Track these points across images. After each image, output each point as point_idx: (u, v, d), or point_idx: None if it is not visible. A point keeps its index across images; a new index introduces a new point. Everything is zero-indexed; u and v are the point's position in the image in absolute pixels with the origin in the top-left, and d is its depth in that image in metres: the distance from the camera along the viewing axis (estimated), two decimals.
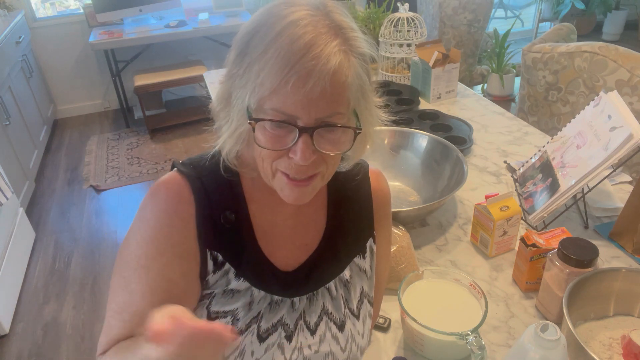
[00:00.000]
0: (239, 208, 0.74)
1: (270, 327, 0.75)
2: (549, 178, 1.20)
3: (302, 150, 0.61)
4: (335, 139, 0.63)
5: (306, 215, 0.79)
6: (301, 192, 0.67)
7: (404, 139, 1.43)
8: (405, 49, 2.01)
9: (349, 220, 0.81)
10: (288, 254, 0.77)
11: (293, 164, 0.63)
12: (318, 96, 0.59)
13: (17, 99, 3.21)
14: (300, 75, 0.57)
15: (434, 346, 0.88)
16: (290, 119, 0.60)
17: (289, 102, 0.59)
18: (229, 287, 0.74)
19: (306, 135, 0.61)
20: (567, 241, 0.92)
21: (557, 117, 1.99)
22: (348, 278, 0.81)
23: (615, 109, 1.11)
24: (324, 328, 0.78)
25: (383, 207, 0.85)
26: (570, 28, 2.25)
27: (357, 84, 0.62)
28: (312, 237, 0.79)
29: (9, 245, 2.36)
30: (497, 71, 3.84)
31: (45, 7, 4.15)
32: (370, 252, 0.84)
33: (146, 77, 3.69)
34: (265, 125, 0.61)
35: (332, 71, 0.58)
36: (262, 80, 0.59)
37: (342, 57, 0.60)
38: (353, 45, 0.62)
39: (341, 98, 0.61)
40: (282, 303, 0.76)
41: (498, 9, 5.29)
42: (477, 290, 0.91)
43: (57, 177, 3.43)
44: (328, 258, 0.79)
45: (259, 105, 0.61)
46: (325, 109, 0.60)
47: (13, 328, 2.23)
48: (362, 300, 0.82)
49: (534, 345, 0.70)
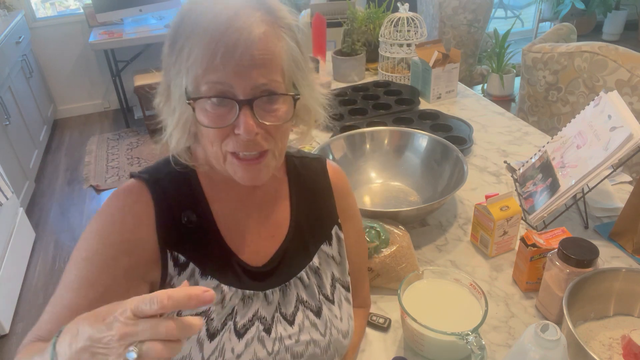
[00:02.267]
0: (200, 207, 0.75)
1: (247, 322, 0.75)
2: (549, 178, 1.20)
3: (245, 123, 0.62)
4: (275, 109, 0.65)
5: (269, 208, 0.81)
6: (255, 171, 0.68)
7: (404, 139, 1.43)
8: (405, 49, 2.01)
9: (312, 209, 0.83)
10: (256, 248, 0.78)
11: (240, 141, 0.64)
12: (249, 64, 0.61)
13: (17, 99, 3.21)
14: (228, 47, 0.60)
15: (434, 346, 0.88)
16: (228, 92, 0.62)
17: (222, 75, 0.61)
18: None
19: (246, 107, 0.62)
20: (567, 241, 0.92)
21: (557, 117, 1.99)
22: (318, 265, 0.82)
23: (615, 109, 1.11)
24: (302, 317, 0.79)
25: (344, 198, 0.88)
26: (570, 28, 2.25)
27: (289, 54, 0.65)
28: (277, 229, 0.80)
29: (9, 245, 2.36)
30: (497, 71, 3.84)
31: (45, 7, 4.15)
32: (337, 239, 0.86)
33: (146, 77, 3.69)
34: (207, 107, 0.63)
35: (257, 39, 0.61)
36: (193, 59, 0.61)
37: (267, 27, 0.62)
38: (278, 17, 0.65)
39: (273, 66, 0.63)
40: (254, 297, 0.76)
41: (498, 9, 5.29)
42: (477, 290, 0.91)
43: (57, 177, 3.43)
44: (296, 248, 0.81)
45: (195, 86, 0.63)
46: (259, 77, 0.62)
47: (13, 328, 2.23)
48: (334, 285, 0.84)
49: (534, 345, 0.70)
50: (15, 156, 2.92)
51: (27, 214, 2.74)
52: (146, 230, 0.71)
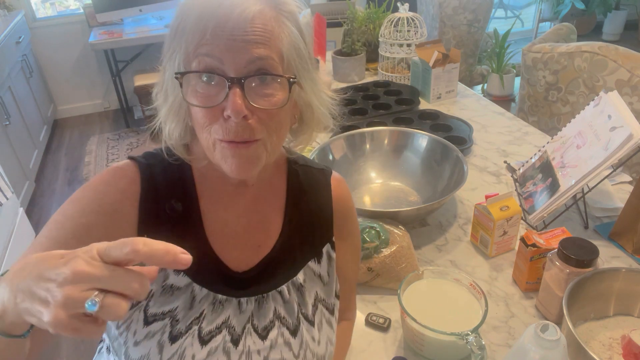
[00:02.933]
0: (188, 200, 0.72)
1: (213, 329, 0.71)
2: (549, 178, 1.20)
3: (233, 102, 0.58)
4: (269, 93, 0.61)
5: (261, 214, 0.76)
6: (243, 158, 0.63)
7: (404, 139, 1.43)
8: (405, 49, 2.01)
9: (306, 223, 0.79)
10: (240, 254, 0.74)
11: (229, 125, 0.60)
12: (241, 40, 0.58)
13: (17, 99, 3.21)
14: (219, 21, 0.58)
15: (434, 346, 0.88)
16: (217, 68, 0.59)
17: (213, 47, 0.58)
18: (167, 283, 0.69)
19: (236, 86, 0.59)
20: (567, 241, 0.92)
21: (557, 117, 1.99)
22: (302, 282, 0.77)
23: (615, 109, 1.11)
24: (276, 333, 0.74)
25: (344, 214, 0.83)
26: (570, 28, 2.25)
27: (290, 39, 0.62)
28: (266, 239, 0.76)
29: (9, 246, 2.36)
30: (497, 71, 3.84)
31: (45, 7, 4.15)
32: (328, 258, 0.81)
33: (146, 77, 3.69)
34: (197, 87, 0.61)
35: (252, 15, 0.58)
36: (185, 38, 0.60)
37: (265, 7, 0.60)
38: (280, 2, 0.63)
39: (270, 45, 0.60)
40: (227, 303, 0.72)
41: (498, 9, 5.29)
42: (477, 290, 0.91)
43: (57, 177, 3.44)
44: (282, 260, 0.76)
45: (186, 63, 0.61)
46: (252, 51, 0.59)
47: None
48: (316, 306, 0.79)
49: (534, 345, 0.70)
50: (15, 156, 2.92)
51: (27, 214, 2.74)
52: (128, 207, 0.68)
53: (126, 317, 0.68)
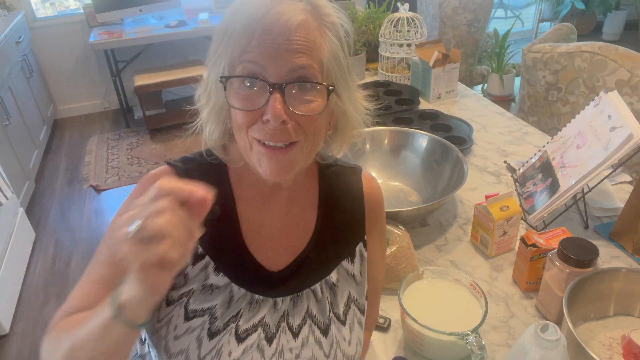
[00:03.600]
0: (226, 203, 0.74)
1: (250, 328, 0.73)
2: (549, 178, 1.20)
3: (273, 107, 0.61)
4: (308, 99, 0.64)
5: (295, 216, 0.78)
6: (279, 163, 0.65)
7: (404, 139, 1.43)
8: (405, 49, 2.01)
9: (339, 222, 0.80)
10: (274, 255, 0.76)
11: (268, 128, 0.63)
12: (285, 48, 0.60)
13: (17, 99, 3.21)
14: (265, 27, 0.60)
15: (434, 346, 0.88)
16: (260, 74, 0.62)
17: (257, 53, 0.61)
18: (207, 282, 0.73)
19: (277, 92, 0.61)
20: (567, 241, 0.92)
21: (557, 117, 1.99)
22: (335, 281, 0.79)
23: (615, 109, 1.11)
24: (307, 331, 0.76)
25: (375, 211, 0.84)
26: (570, 28, 2.25)
27: (331, 49, 0.64)
28: (300, 239, 0.78)
29: (9, 245, 2.36)
30: (497, 71, 3.84)
31: (45, 7, 4.15)
32: (360, 257, 0.82)
33: (146, 77, 3.69)
34: (239, 90, 0.63)
35: (297, 24, 0.61)
36: (231, 43, 0.62)
37: (309, 17, 0.62)
38: (323, 13, 0.65)
39: (312, 54, 0.62)
40: (263, 303, 0.75)
41: (498, 9, 5.29)
42: (477, 290, 0.91)
43: (57, 177, 3.43)
44: (315, 260, 0.78)
45: (231, 67, 0.63)
46: (294, 60, 0.61)
47: (13, 328, 2.23)
48: (349, 305, 0.80)
49: (534, 345, 0.70)
50: (15, 156, 2.92)
51: (27, 214, 2.74)
52: None
53: (168, 312, 0.73)
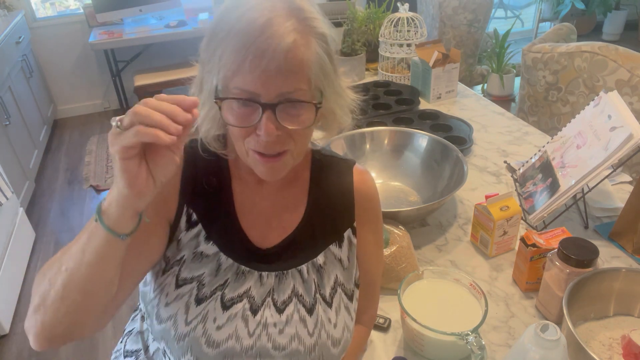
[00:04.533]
0: (222, 179, 0.80)
1: (235, 297, 0.78)
2: (549, 178, 1.20)
3: (266, 126, 0.65)
4: (297, 114, 0.67)
5: (286, 199, 0.83)
6: (273, 169, 0.71)
7: (404, 139, 1.43)
8: (405, 49, 2.01)
9: (328, 207, 0.84)
10: (264, 233, 0.81)
11: (261, 140, 0.67)
12: (275, 73, 0.63)
13: (17, 99, 3.21)
14: (256, 55, 0.62)
15: (434, 346, 0.88)
16: (253, 96, 0.65)
17: (249, 80, 0.63)
18: (197, 250, 0.78)
19: (269, 111, 0.65)
20: (567, 241, 0.92)
21: (557, 117, 1.99)
22: (321, 264, 0.82)
23: (615, 109, 1.11)
24: (293, 309, 0.79)
25: (366, 202, 0.87)
26: (570, 28, 2.25)
27: (317, 62, 0.66)
28: (289, 221, 0.82)
29: (9, 245, 2.36)
30: (497, 71, 3.84)
31: (45, 7, 4.15)
32: (349, 243, 0.85)
33: (146, 77, 3.69)
34: (233, 105, 0.66)
35: (286, 49, 0.62)
36: (224, 61, 0.64)
37: (297, 36, 0.64)
38: (310, 26, 0.66)
39: (300, 75, 0.65)
40: (249, 274, 0.79)
41: (498, 9, 5.29)
42: (477, 290, 0.91)
43: (57, 177, 3.43)
44: (303, 241, 0.82)
45: (224, 85, 0.66)
46: (284, 85, 0.64)
47: (13, 328, 2.23)
48: (335, 289, 0.83)
49: (534, 345, 0.70)
50: (15, 156, 2.92)
51: (27, 214, 2.74)
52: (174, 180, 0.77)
53: (161, 282, 0.78)
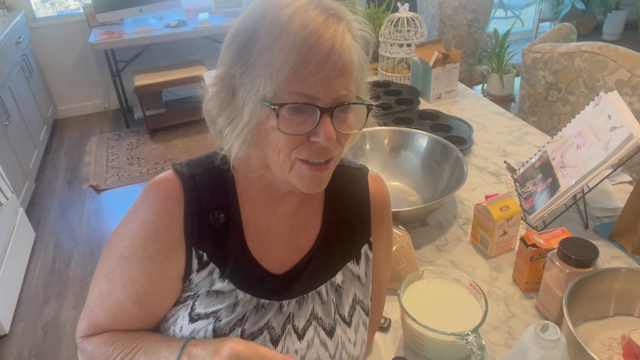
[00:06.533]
0: (230, 208, 0.73)
1: (255, 331, 0.74)
2: (549, 178, 1.20)
3: (325, 131, 0.62)
4: (347, 117, 0.66)
5: (302, 218, 0.78)
6: (320, 178, 0.68)
7: (404, 139, 1.43)
8: (405, 49, 2.01)
9: (344, 223, 0.80)
10: (280, 256, 0.76)
11: (315, 147, 0.64)
12: (338, 74, 0.61)
13: (17, 99, 3.21)
14: (322, 55, 0.59)
15: (434, 346, 0.88)
16: (312, 101, 0.61)
17: (310, 83, 0.60)
18: (212, 288, 0.73)
19: (327, 115, 0.62)
20: (567, 241, 0.92)
21: (557, 117, 1.99)
22: (340, 283, 0.79)
23: (615, 109, 1.11)
24: (313, 333, 0.76)
25: (381, 211, 0.84)
26: (570, 28, 2.25)
27: (360, 65, 0.66)
28: (306, 241, 0.78)
29: (9, 245, 2.36)
30: (497, 71, 3.84)
31: (45, 7, 4.15)
32: (366, 259, 0.82)
33: (146, 77, 3.69)
34: (284, 113, 0.61)
35: (348, 49, 0.62)
36: (279, 66, 0.59)
37: (350, 38, 0.63)
38: (353, 28, 0.65)
39: (350, 77, 0.64)
40: (269, 306, 0.75)
41: (498, 9, 5.29)
42: (477, 290, 0.91)
43: (57, 177, 3.44)
44: (320, 261, 0.78)
45: (276, 93, 0.61)
46: (341, 87, 0.62)
47: (13, 328, 2.23)
48: (354, 307, 0.80)
49: (534, 345, 0.70)
50: (15, 156, 2.92)
51: (27, 214, 2.74)
52: (176, 226, 0.70)
53: (173, 313, 0.74)
